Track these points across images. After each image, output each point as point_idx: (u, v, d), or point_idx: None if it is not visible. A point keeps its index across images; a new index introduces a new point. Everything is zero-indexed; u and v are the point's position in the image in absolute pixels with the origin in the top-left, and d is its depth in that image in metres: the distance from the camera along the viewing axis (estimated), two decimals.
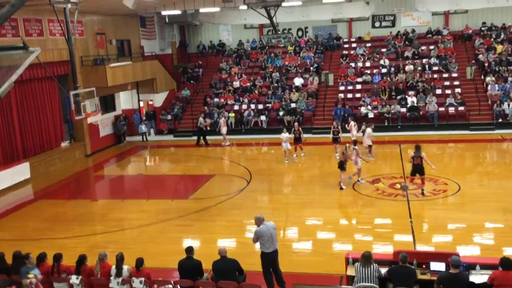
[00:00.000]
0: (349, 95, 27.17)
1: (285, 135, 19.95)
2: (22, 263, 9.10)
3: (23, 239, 13.10)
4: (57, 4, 17.37)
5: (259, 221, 9.41)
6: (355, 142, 17.35)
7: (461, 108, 24.64)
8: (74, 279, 8.96)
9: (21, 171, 19.23)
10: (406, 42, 30.03)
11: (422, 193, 15.00)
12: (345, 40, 31.72)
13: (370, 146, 19.85)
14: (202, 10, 27.34)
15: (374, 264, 8.17)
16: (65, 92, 19.94)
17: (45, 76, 20.51)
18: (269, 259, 9.38)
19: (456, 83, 26.54)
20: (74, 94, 18.03)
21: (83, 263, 9.17)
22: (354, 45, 31.14)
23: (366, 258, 8.21)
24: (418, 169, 14.77)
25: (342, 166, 15.95)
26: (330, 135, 20.39)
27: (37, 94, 21.04)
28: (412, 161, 14.81)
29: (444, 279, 7.82)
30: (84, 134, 23.49)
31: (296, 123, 21.56)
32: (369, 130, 19.77)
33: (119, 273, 8.87)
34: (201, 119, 24.94)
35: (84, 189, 19.14)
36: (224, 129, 24.25)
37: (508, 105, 23.99)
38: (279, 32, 27.68)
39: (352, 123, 20.81)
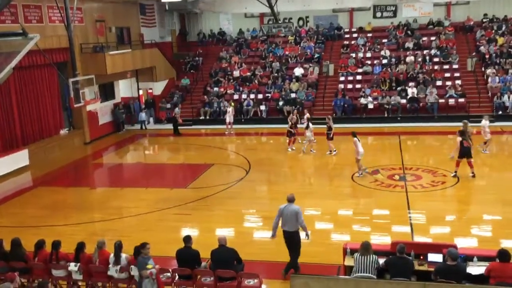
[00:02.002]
0: (349, 86, 27.10)
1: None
2: (137, 253, 8.61)
3: (22, 226, 13.11)
4: None
5: (287, 200, 9.85)
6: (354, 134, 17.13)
7: (461, 100, 24.61)
8: (73, 267, 8.99)
9: (20, 158, 19.22)
10: (408, 33, 29.90)
11: (473, 175, 15.41)
12: (346, 30, 31.57)
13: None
14: None
15: (373, 255, 8.19)
16: (64, 80, 19.80)
17: (44, 63, 20.41)
18: (285, 236, 9.82)
19: (457, 74, 26.49)
20: (73, 81, 17.91)
21: (82, 251, 9.21)
22: (355, 35, 30.99)
23: (365, 248, 8.22)
24: (467, 152, 15.39)
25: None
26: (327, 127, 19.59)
27: (36, 81, 20.97)
28: (460, 145, 15.36)
29: (441, 270, 7.85)
30: (83, 122, 23.46)
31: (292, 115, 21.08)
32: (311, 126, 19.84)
33: (117, 261, 8.90)
34: (177, 109, 24.99)
35: (83, 177, 19.13)
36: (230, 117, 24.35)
37: (508, 97, 23.96)
38: (279, 22, 27.57)
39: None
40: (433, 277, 7.93)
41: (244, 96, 27.36)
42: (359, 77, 27.53)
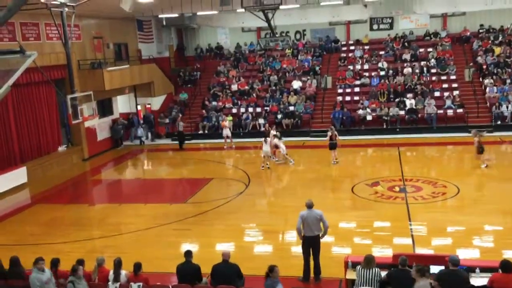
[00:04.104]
0: (348, 98, 27.15)
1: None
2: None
3: (20, 244, 13.01)
4: (54, 8, 17.35)
5: (306, 206, 10.11)
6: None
7: (459, 111, 24.63)
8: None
9: (18, 176, 19.12)
10: (405, 45, 30.04)
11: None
12: (343, 42, 31.73)
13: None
14: (199, 13, 27.34)
15: (376, 268, 8.11)
16: (62, 96, 19.88)
17: (42, 80, 20.43)
18: (306, 242, 10.02)
19: (455, 85, 26.56)
20: (71, 98, 18.00)
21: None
22: (352, 47, 31.13)
23: (369, 261, 8.15)
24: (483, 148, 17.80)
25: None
26: (326, 139, 19.69)
27: (34, 98, 20.96)
28: (479, 144, 17.75)
29: (443, 275, 7.80)
30: (81, 138, 23.42)
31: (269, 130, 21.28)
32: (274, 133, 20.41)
33: (116, 278, 8.80)
34: (181, 123, 24.98)
35: (82, 194, 19.04)
36: (228, 131, 24.35)
37: (507, 107, 24.00)
38: (277, 35, 27.67)
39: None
40: (433, 283, 7.86)
41: (242, 109, 27.38)
42: (357, 89, 27.58)
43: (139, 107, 28.59)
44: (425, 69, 27.79)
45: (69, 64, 18.99)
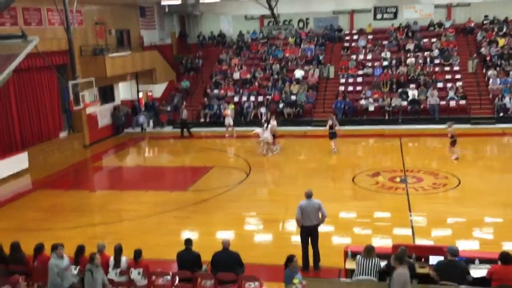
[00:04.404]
0: (350, 88, 27.04)
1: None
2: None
3: (21, 229, 13.03)
4: None
5: (305, 195, 10.13)
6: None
7: (462, 102, 24.54)
8: (72, 270, 8.93)
9: (19, 161, 19.16)
10: (408, 35, 29.86)
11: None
12: (347, 32, 31.54)
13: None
14: (202, 0, 27.17)
15: (376, 258, 8.13)
16: (64, 82, 19.83)
17: (43, 65, 20.35)
18: (305, 231, 10.06)
19: (458, 76, 26.43)
20: (73, 84, 17.96)
21: (82, 254, 9.14)
22: (355, 37, 30.94)
23: (369, 251, 8.18)
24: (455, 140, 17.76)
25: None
26: (326, 128, 19.57)
27: (35, 84, 20.90)
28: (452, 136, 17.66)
29: (442, 265, 7.84)
30: (82, 125, 23.37)
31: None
32: (273, 122, 20.08)
33: (117, 264, 8.86)
34: (184, 111, 24.93)
35: (83, 180, 19.08)
36: (230, 120, 24.30)
37: (510, 99, 23.88)
38: (279, 24, 27.56)
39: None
40: (432, 273, 7.90)
41: (244, 98, 27.32)
42: (359, 79, 27.46)
43: (140, 94, 28.55)
44: (428, 59, 27.64)
45: (70, 50, 18.92)
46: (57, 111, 22.32)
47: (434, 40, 28.95)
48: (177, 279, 8.88)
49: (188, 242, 8.99)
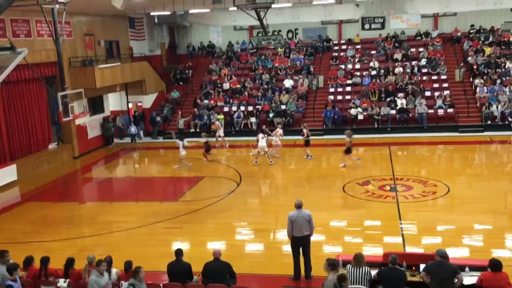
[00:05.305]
0: (339, 97, 27.22)
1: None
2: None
3: (11, 242, 12.88)
4: (44, 5, 17.20)
5: (295, 206, 10.01)
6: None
7: (450, 110, 24.77)
8: (62, 283, 8.84)
9: (8, 173, 18.99)
10: (396, 44, 30.17)
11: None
12: (335, 42, 31.80)
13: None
14: (191, 11, 27.29)
15: (366, 267, 8.15)
16: (52, 94, 19.74)
17: (32, 77, 20.29)
18: (296, 243, 9.92)
19: (445, 85, 26.72)
20: (62, 95, 17.85)
21: (71, 266, 9.05)
22: (344, 47, 31.23)
23: (358, 259, 8.19)
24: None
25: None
26: (303, 138, 20.32)
27: (24, 95, 20.80)
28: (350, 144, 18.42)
29: (431, 265, 7.90)
30: (72, 136, 23.25)
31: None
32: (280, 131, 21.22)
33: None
34: (181, 121, 24.88)
35: (72, 192, 18.95)
36: (221, 131, 24.25)
37: (497, 107, 24.17)
38: (269, 34, 27.68)
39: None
40: (422, 274, 7.96)
41: (234, 108, 27.36)
42: (348, 89, 27.66)
43: (130, 105, 28.48)
44: (416, 68, 27.94)
45: (60, 61, 18.83)
46: (46, 123, 22.21)
47: (421, 49, 29.28)
48: None
49: (179, 253, 8.95)
